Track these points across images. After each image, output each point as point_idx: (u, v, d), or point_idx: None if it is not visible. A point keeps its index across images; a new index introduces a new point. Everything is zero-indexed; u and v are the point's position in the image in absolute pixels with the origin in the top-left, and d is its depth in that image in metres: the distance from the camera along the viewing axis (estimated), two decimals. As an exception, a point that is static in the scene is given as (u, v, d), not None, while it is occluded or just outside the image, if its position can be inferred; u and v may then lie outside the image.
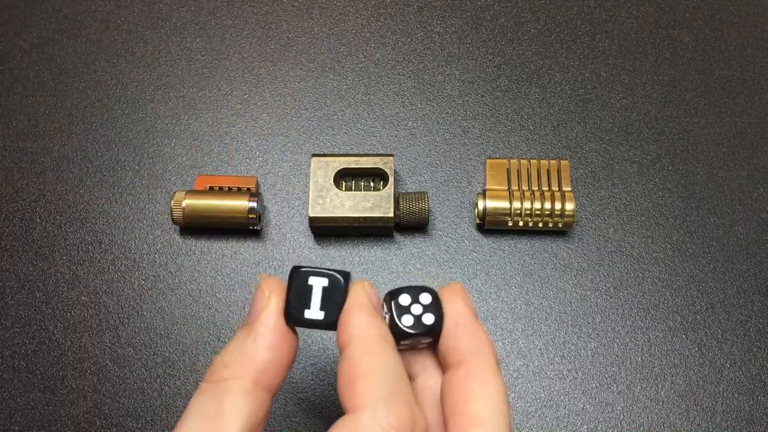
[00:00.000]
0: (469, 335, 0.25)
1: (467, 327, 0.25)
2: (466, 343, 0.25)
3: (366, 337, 0.24)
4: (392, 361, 0.23)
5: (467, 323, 0.25)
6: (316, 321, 0.25)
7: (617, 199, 0.39)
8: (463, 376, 0.24)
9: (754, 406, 0.35)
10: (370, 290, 0.25)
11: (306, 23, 0.44)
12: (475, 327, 0.25)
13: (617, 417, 0.35)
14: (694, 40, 0.43)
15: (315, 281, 0.25)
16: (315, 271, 0.25)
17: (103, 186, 0.39)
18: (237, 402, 0.23)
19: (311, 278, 0.25)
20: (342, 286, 0.25)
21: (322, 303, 0.25)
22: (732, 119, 0.41)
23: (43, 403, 0.35)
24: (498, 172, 0.38)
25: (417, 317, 0.25)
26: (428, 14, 0.44)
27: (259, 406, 0.23)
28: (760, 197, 0.39)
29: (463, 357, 0.24)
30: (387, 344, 0.24)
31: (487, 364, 0.24)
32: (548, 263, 0.38)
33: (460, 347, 0.25)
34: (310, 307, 0.25)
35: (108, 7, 0.44)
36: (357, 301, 0.25)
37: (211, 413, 0.23)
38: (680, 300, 0.37)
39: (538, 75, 0.42)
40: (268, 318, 0.25)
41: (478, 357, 0.24)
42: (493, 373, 0.24)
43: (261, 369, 0.24)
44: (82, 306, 0.37)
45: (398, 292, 0.26)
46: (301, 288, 0.25)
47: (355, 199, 0.36)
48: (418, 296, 0.25)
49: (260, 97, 0.42)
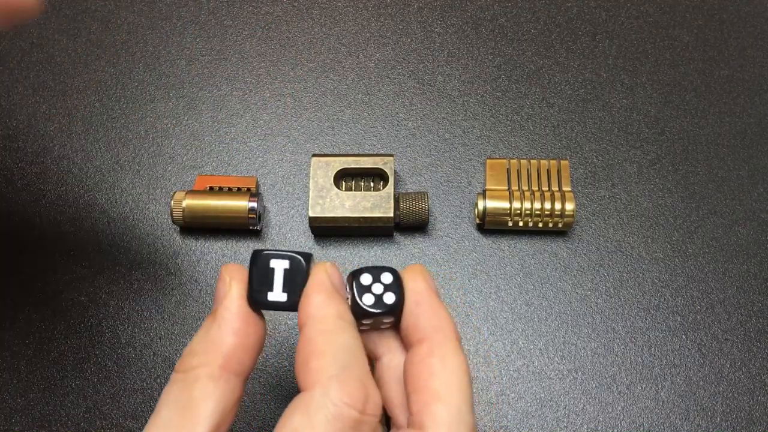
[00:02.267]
0: (430, 313, 0.25)
1: (428, 305, 0.25)
2: (426, 321, 0.25)
3: (323, 316, 0.24)
4: (348, 340, 0.24)
5: (428, 301, 0.25)
6: (279, 303, 0.25)
7: (617, 199, 0.39)
8: (424, 353, 0.24)
9: (754, 406, 0.35)
10: (331, 271, 0.25)
11: (306, 23, 0.44)
12: (435, 305, 0.25)
13: (617, 417, 0.35)
14: (694, 40, 0.43)
15: (276, 264, 0.25)
16: (276, 254, 0.25)
17: (103, 186, 0.39)
18: (206, 389, 0.23)
19: (272, 261, 0.25)
20: (304, 268, 0.25)
21: (285, 285, 0.25)
22: (732, 119, 0.41)
23: (43, 403, 0.35)
24: (498, 172, 0.38)
25: (378, 296, 0.25)
26: (428, 14, 0.44)
27: (229, 390, 0.24)
28: (760, 197, 0.39)
29: (424, 335, 0.25)
30: (344, 323, 0.24)
31: (447, 342, 0.25)
32: (548, 263, 0.38)
33: (420, 325, 0.25)
34: (273, 290, 0.25)
35: (108, 7, 0.44)
36: (316, 282, 0.25)
37: (181, 402, 0.23)
38: (680, 300, 0.37)
39: (538, 75, 0.42)
40: (230, 303, 0.25)
41: (439, 334, 0.25)
42: (453, 350, 0.24)
43: (227, 354, 0.24)
44: (82, 306, 0.37)
45: (360, 272, 0.26)
46: (263, 271, 0.25)
47: (355, 199, 0.36)
48: (379, 276, 0.26)
49: (260, 97, 0.42)
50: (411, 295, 0.26)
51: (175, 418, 0.23)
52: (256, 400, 0.35)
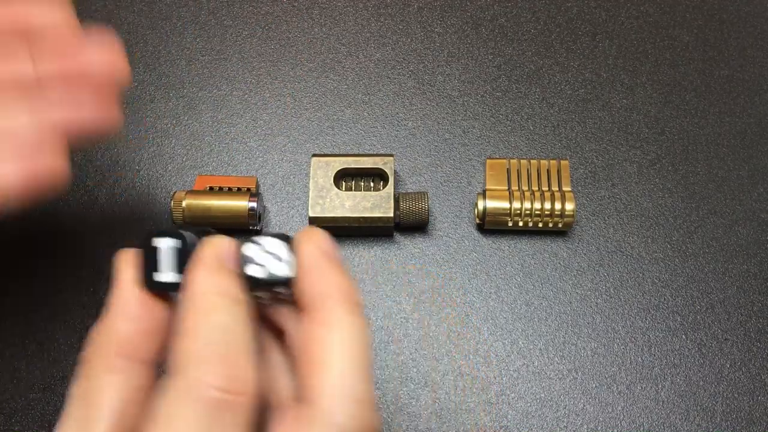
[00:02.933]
0: (319, 278, 0.23)
1: (317, 270, 0.24)
2: (315, 287, 0.23)
3: (199, 294, 0.23)
4: (225, 318, 0.22)
5: (317, 266, 0.24)
6: (170, 284, 0.23)
7: (617, 199, 0.39)
8: (316, 323, 0.23)
9: (754, 406, 0.35)
10: (221, 244, 0.24)
11: (306, 23, 0.44)
12: (325, 269, 0.24)
13: (617, 417, 0.35)
14: (694, 40, 0.43)
15: (161, 242, 0.24)
16: (160, 231, 0.24)
17: (103, 186, 0.39)
18: (102, 380, 0.22)
19: (155, 240, 0.24)
20: (194, 246, 0.24)
21: (178, 265, 0.23)
22: (732, 119, 0.41)
23: (43, 403, 0.35)
24: (498, 172, 0.38)
25: (265, 267, 0.24)
26: (428, 14, 0.44)
27: (129, 377, 0.23)
28: (760, 197, 0.39)
29: (314, 302, 0.23)
30: (224, 300, 0.22)
31: (336, 307, 0.23)
32: (548, 263, 0.38)
33: (309, 292, 0.23)
34: (160, 269, 0.24)
35: (108, 7, 0.44)
36: (199, 257, 0.23)
37: (83, 395, 0.23)
38: (680, 300, 0.37)
39: (538, 75, 0.42)
40: (120, 289, 0.24)
41: (328, 300, 0.23)
42: (344, 317, 0.23)
43: (122, 341, 0.23)
44: (82, 306, 0.37)
45: (246, 242, 0.24)
46: (150, 251, 0.24)
47: (355, 199, 0.36)
48: (267, 245, 0.24)
49: (260, 97, 0.42)
50: (301, 260, 0.24)
51: (78, 412, 0.22)
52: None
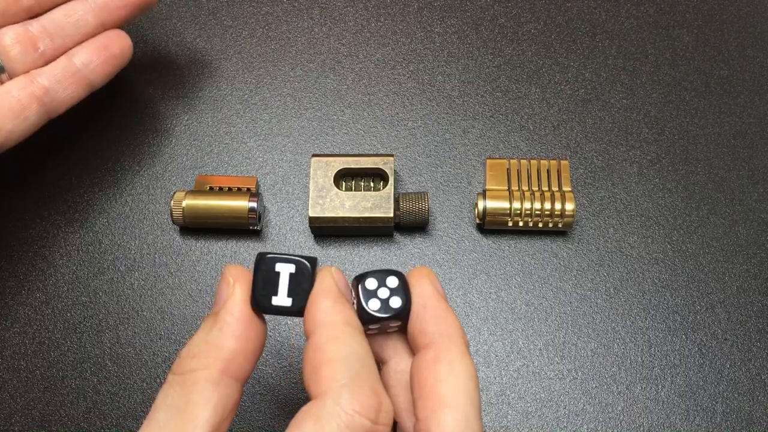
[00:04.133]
0: (437, 317, 0.25)
1: (435, 309, 0.25)
2: (433, 326, 0.25)
3: (331, 323, 0.24)
4: (357, 346, 0.23)
5: (435, 305, 0.25)
6: (283, 308, 0.25)
7: (617, 199, 0.39)
8: (431, 358, 0.24)
9: (754, 406, 0.35)
10: (337, 276, 0.25)
11: (306, 23, 0.44)
12: (442, 309, 0.25)
13: (617, 417, 0.35)
14: (694, 40, 0.43)
15: (282, 267, 0.25)
16: (282, 257, 0.25)
17: (103, 186, 0.39)
18: (204, 392, 0.23)
19: (278, 264, 0.25)
20: (309, 272, 0.25)
21: (290, 289, 0.25)
22: (732, 119, 0.41)
23: (43, 403, 0.35)
24: (498, 172, 0.38)
25: (384, 301, 0.25)
26: (428, 14, 0.44)
27: (227, 395, 0.23)
28: (760, 197, 0.39)
29: (431, 339, 0.24)
30: (352, 329, 0.24)
31: (454, 347, 0.24)
32: (548, 263, 0.38)
33: (427, 330, 0.25)
34: (278, 294, 0.25)
35: (108, 7, 0.44)
36: (323, 287, 0.24)
37: (179, 405, 0.23)
38: (680, 300, 0.37)
39: (538, 75, 0.42)
40: (233, 306, 0.24)
41: (446, 339, 0.24)
42: (461, 356, 0.24)
43: (228, 358, 0.24)
44: (82, 306, 0.37)
45: (365, 276, 0.25)
46: (268, 275, 0.25)
47: (355, 200, 0.36)
48: (384, 280, 0.25)
49: (260, 97, 0.42)
50: (417, 299, 0.25)
51: (172, 422, 0.22)
52: (255, 401, 0.35)
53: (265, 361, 0.36)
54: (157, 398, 0.23)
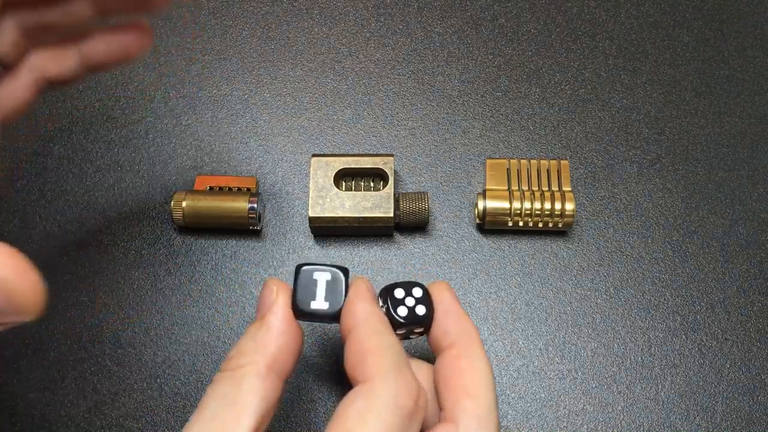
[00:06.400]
0: (458, 321, 0.28)
1: (455, 314, 0.28)
2: (455, 327, 0.28)
3: (370, 320, 0.26)
4: (395, 341, 0.26)
5: (455, 311, 0.28)
6: (322, 311, 0.28)
7: (617, 199, 0.39)
8: (454, 355, 0.27)
9: (754, 406, 0.35)
10: (368, 284, 0.28)
11: (306, 23, 0.44)
12: (461, 314, 0.28)
13: (617, 417, 0.35)
14: (694, 40, 0.43)
15: (319, 276, 0.28)
16: (319, 267, 0.29)
17: (103, 186, 0.39)
18: (253, 385, 0.25)
19: (316, 273, 0.28)
20: (342, 280, 0.28)
21: (326, 295, 0.28)
22: (732, 119, 0.41)
23: (43, 403, 0.35)
24: (498, 172, 0.38)
25: (410, 308, 0.28)
26: (428, 14, 0.44)
27: (273, 389, 0.25)
28: (760, 197, 0.39)
29: (453, 340, 0.28)
30: (388, 327, 0.27)
31: (473, 345, 0.27)
32: (548, 263, 0.38)
33: (450, 331, 0.28)
34: (316, 299, 0.28)
35: (108, 7, 0.44)
36: (360, 291, 0.28)
37: (229, 396, 0.25)
38: (680, 300, 0.37)
39: (538, 75, 0.42)
40: (278, 309, 0.27)
41: (467, 339, 0.28)
42: (479, 352, 0.27)
43: (274, 355, 0.26)
44: (82, 306, 0.37)
45: (393, 286, 0.29)
46: (307, 282, 0.28)
47: (355, 199, 0.36)
48: (411, 290, 0.29)
49: (260, 97, 0.42)
50: (440, 306, 0.29)
51: (222, 410, 0.24)
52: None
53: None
54: (207, 392, 0.25)
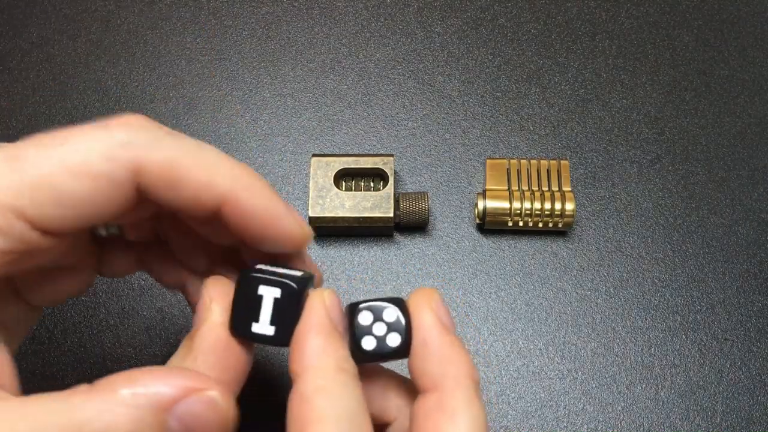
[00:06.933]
0: (438, 356, 0.22)
1: (437, 345, 0.22)
2: (434, 366, 0.21)
3: (321, 368, 0.21)
4: (349, 401, 0.20)
5: (437, 340, 0.22)
6: (265, 337, 0.22)
7: (617, 199, 0.39)
8: (431, 406, 0.21)
9: (754, 406, 0.35)
10: (330, 302, 0.22)
11: (306, 23, 0.44)
12: (446, 344, 0.22)
13: (617, 417, 0.35)
14: (694, 40, 0.43)
15: (265, 291, 0.22)
16: (266, 279, 0.22)
17: (103, 186, 0.39)
18: None
19: (261, 287, 0.22)
20: (296, 297, 0.22)
21: (273, 316, 0.21)
22: (732, 119, 0.41)
23: (43, 403, 0.35)
24: (498, 172, 0.38)
25: (380, 339, 0.22)
26: (428, 14, 0.44)
27: None
28: (760, 197, 0.39)
29: (433, 383, 0.21)
30: (346, 376, 0.21)
31: (459, 392, 0.21)
32: (548, 263, 0.38)
33: (428, 371, 0.22)
34: (259, 321, 0.21)
35: (108, 7, 0.44)
36: (313, 319, 0.21)
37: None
38: (680, 300, 0.37)
39: (538, 75, 0.42)
40: (208, 333, 0.22)
41: (449, 382, 0.21)
42: (466, 402, 0.21)
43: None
44: (82, 306, 0.37)
45: (357, 309, 0.22)
46: (249, 297, 0.22)
47: (355, 199, 0.36)
48: (381, 313, 0.22)
49: (260, 97, 0.42)
50: (417, 333, 0.22)
51: None
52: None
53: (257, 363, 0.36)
54: None
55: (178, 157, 0.21)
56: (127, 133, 0.21)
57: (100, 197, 0.20)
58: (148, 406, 0.19)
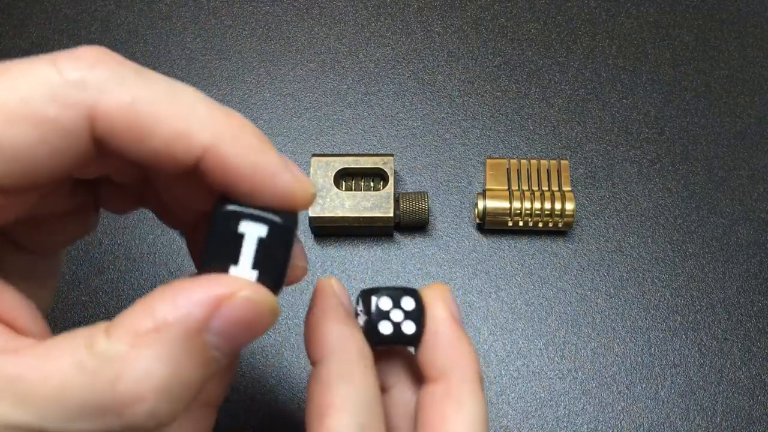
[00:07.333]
0: (448, 348, 0.22)
1: (448, 338, 0.23)
2: (444, 357, 0.22)
3: (343, 355, 0.21)
4: (368, 390, 0.21)
5: (448, 333, 0.23)
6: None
7: (617, 199, 0.39)
8: (439, 395, 0.22)
9: (754, 406, 0.35)
10: (340, 290, 0.23)
11: (306, 23, 0.44)
12: (455, 338, 0.23)
13: (617, 417, 0.35)
14: (694, 40, 0.43)
15: (248, 228, 0.19)
16: (250, 215, 0.19)
17: (103, 186, 0.39)
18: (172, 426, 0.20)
19: (243, 224, 0.19)
20: (286, 236, 0.19)
21: (257, 258, 0.19)
22: (732, 119, 0.41)
23: (43, 403, 0.35)
24: (498, 172, 0.38)
25: (397, 325, 0.22)
26: (428, 14, 0.44)
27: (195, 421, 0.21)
28: (760, 197, 0.39)
29: (441, 373, 0.22)
30: (366, 364, 0.21)
31: (466, 383, 0.22)
32: (548, 263, 0.38)
33: (437, 362, 0.22)
34: (239, 263, 0.19)
35: (108, 7, 0.44)
36: (329, 305, 0.22)
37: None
38: (680, 300, 0.37)
39: (538, 75, 0.42)
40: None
41: (457, 373, 0.22)
42: (471, 394, 0.22)
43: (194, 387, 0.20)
44: (82, 306, 0.37)
45: (378, 293, 0.23)
46: (228, 235, 0.19)
47: (355, 199, 0.36)
48: (399, 300, 0.23)
49: (260, 97, 0.42)
50: (430, 324, 0.23)
51: None
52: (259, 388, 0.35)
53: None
54: None
55: (145, 99, 0.18)
56: (80, 70, 0.17)
57: (46, 149, 0.17)
58: (180, 337, 0.17)
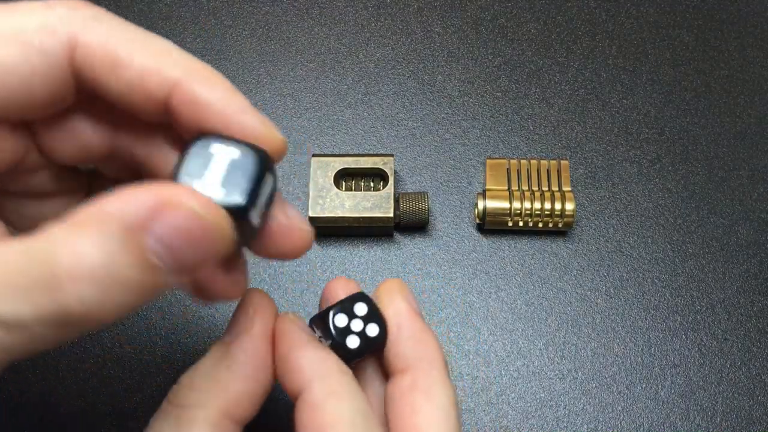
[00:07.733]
0: (412, 339, 0.23)
1: (410, 330, 0.23)
2: (408, 349, 0.23)
3: (326, 375, 0.21)
4: (359, 401, 0.21)
5: (410, 325, 0.23)
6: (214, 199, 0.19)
7: (617, 199, 0.39)
8: (407, 386, 0.22)
9: (754, 406, 0.35)
10: (299, 320, 0.23)
11: (306, 23, 0.44)
12: (418, 329, 0.23)
13: (617, 417, 0.35)
14: (694, 40, 0.43)
15: (220, 150, 0.19)
16: (224, 138, 0.20)
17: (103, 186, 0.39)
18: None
19: (215, 145, 0.20)
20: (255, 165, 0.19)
21: (225, 178, 0.19)
22: (732, 119, 0.41)
23: (42, 403, 0.35)
24: (498, 172, 0.38)
25: (361, 334, 0.22)
26: (428, 14, 0.44)
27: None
28: (760, 197, 0.39)
29: (407, 364, 0.22)
30: (349, 379, 0.21)
31: (434, 371, 0.22)
32: (548, 263, 0.38)
33: (402, 353, 0.23)
34: (203, 178, 0.19)
35: (108, 7, 0.44)
36: (295, 338, 0.22)
37: None
38: (680, 300, 0.37)
39: (538, 75, 0.42)
40: (249, 343, 0.22)
41: (423, 363, 0.22)
42: (439, 382, 0.22)
43: (232, 400, 0.21)
44: (82, 306, 0.37)
45: (328, 313, 0.23)
46: (200, 155, 0.19)
47: (355, 199, 0.36)
48: (352, 310, 0.23)
49: (260, 97, 0.42)
50: (392, 318, 0.23)
51: None
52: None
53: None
54: (151, 426, 0.21)
55: (122, 37, 0.20)
56: (67, 9, 0.20)
57: (30, 68, 0.19)
58: (117, 230, 0.16)
